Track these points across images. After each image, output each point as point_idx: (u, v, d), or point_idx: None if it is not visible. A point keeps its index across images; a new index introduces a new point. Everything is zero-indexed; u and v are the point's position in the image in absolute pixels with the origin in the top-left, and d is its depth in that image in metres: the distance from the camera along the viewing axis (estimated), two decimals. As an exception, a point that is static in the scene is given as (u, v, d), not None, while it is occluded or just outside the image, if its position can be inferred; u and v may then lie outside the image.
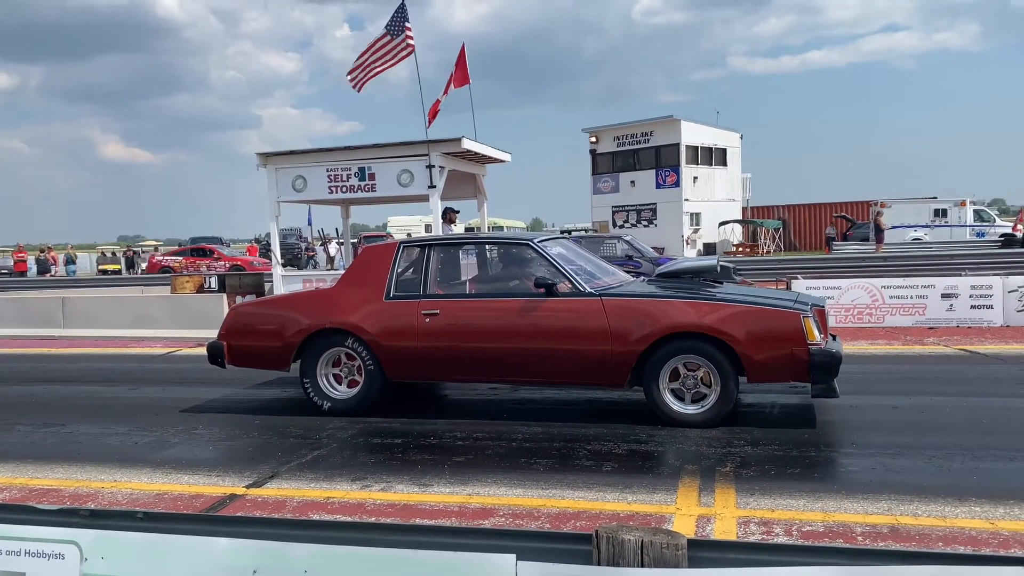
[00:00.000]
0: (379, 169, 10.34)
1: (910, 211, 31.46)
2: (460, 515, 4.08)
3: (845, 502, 4.05)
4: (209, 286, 13.89)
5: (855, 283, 11.25)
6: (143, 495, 4.63)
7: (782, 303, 5.64)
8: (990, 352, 8.60)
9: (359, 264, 6.75)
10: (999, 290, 10.54)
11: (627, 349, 5.59)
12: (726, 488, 4.32)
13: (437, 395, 7.20)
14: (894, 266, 18.41)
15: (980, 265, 17.14)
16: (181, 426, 6.32)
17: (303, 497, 4.47)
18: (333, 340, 6.32)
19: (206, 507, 4.36)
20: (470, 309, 6.14)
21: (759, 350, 5.38)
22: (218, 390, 7.74)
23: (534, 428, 5.81)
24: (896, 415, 5.87)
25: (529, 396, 6.99)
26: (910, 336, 9.97)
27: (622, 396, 6.72)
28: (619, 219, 36.62)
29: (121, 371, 9.53)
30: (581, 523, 3.87)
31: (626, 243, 18.20)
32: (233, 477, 4.90)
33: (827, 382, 5.42)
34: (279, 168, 10.67)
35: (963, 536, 3.58)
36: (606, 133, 37.45)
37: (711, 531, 3.75)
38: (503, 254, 7.19)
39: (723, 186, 37.53)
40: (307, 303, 6.69)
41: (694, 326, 5.49)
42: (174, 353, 11.05)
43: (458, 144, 10.26)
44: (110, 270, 37.29)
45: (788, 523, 3.81)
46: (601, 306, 5.71)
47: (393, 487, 4.58)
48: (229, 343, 6.68)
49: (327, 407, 6.34)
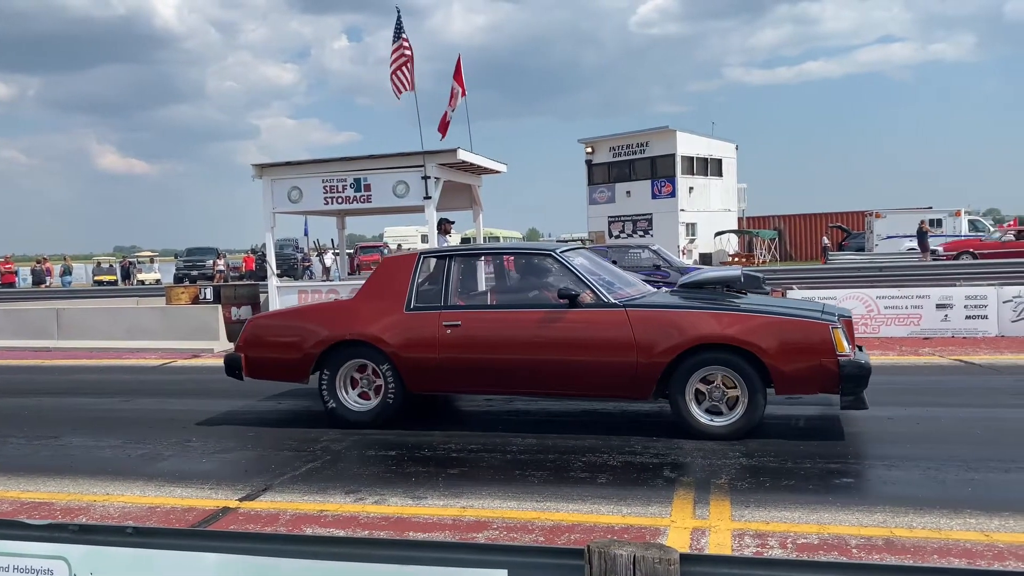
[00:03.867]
0: (375, 180, 10.33)
1: (905, 221, 31.53)
2: (454, 528, 4.06)
3: (840, 514, 4.04)
4: (204, 297, 13.86)
5: (850, 293, 11.27)
6: (135, 508, 4.60)
7: (810, 314, 5.60)
8: (985, 363, 8.61)
9: (379, 275, 6.69)
10: (994, 300, 10.56)
11: (653, 361, 5.54)
12: (721, 500, 4.31)
13: (433, 407, 7.18)
14: (889, 276, 18.43)
15: (975, 275, 17.17)
16: (175, 438, 6.29)
17: (296, 510, 4.45)
18: (353, 352, 6.27)
19: (199, 520, 4.34)
20: (492, 320, 6.10)
21: (788, 361, 5.33)
22: (213, 402, 7.71)
23: (529, 440, 5.79)
24: (892, 426, 5.87)
25: (524, 407, 6.97)
26: (905, 347, 9.98)
27: (617, 407, 6.71)
28: (615, 229, 36.69)
29: (115, 383, 9.50)
30: (576, 536, 3.86)
31: (653, 252, 17.86)
32: (226, 490, 4.87)
33: (856, 393, 5.34)
34: (274, 179, 10.65)
35: (958, 548, 3.57)
36: (602, 144, 37.56)
37: (706, 544, 3.73)
38: (524, 265, 7.17)
39: (719, 196, 37.64)
40: (326, 314, 6.64)
41: (721, 337, 5.44)
42: (169, 365, 11.01)
43: (454, 155, 10.26)
44: (106, 281, 37.22)
45: (783, 535, 3.80)
46: (626, 317, 5.67)
47: (387, 500, 4.56)
48: (247, 355, 6.64)
49: (346, 419, 6.28)
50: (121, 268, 40.82)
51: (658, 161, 35.80)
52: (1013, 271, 17.84)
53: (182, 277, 36.55)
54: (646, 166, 36.25)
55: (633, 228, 36.22)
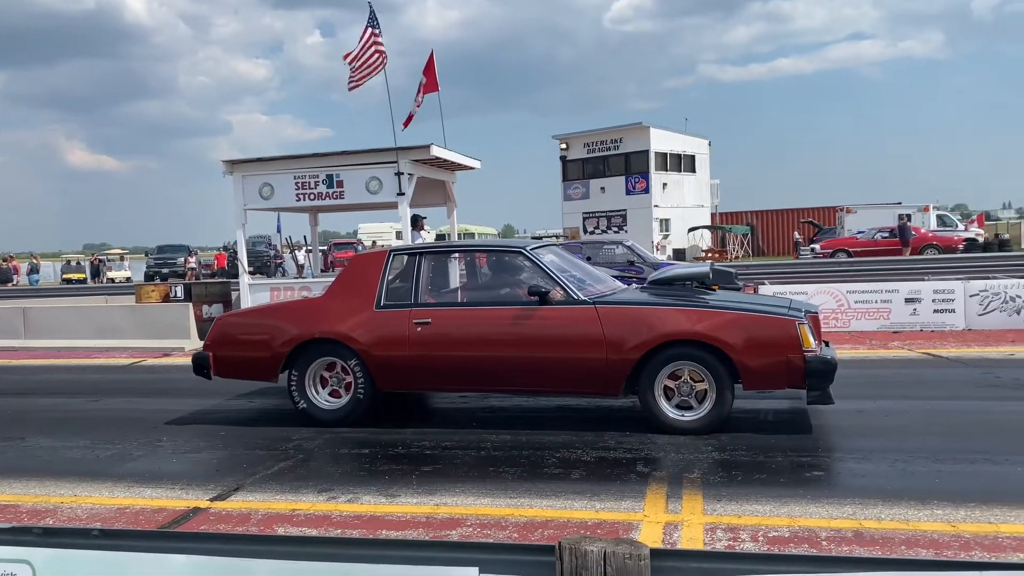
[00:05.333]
0: (347, 176, 10.27)
1: (875, 216, 31.92)
2: (427, 526, 4.05)
3: (811, 507, 4.09)
4: (175, 295, 13.70)
5: (821, 288, 11.39)
6: (104, 510, 4.53)
7: (777, 310, 5.66)
8: (952, 355, 8.74)
9: (348, 273, 6.66)
10: (961, 294, 10.72)
11: (622, 357, 5.57)
12: (693, 495, 4.34)
13: (407, 404, 7.15)
14: (859, 271, 18.65)
15: (942, 270, 17.43)
16: (144, 438, 6.21)
17: (268, 510, 4.41)
18: (323, 350, 6.24)
19: (168, 521, 4.29)
20: (463, 318, 6.09)
21: (755, 357, 5.38)
22: (183, 401, 7.62)
23: (503, 436, 5.79)
24: (861, 419, 5.94)
25: (499, 404, 6.97)
26: (875, 340, 10.10)
27: (591, 403, 6.73)
28: (589, 225, 36.80)
29: (84, 382, 9.36)
30: (549, 532, 3.86)
31: (627, 248, 18.00)
32: (197, 490, 4.82)
33: (823, 389, 5.39)
34: (245, 175, 10.55)
35: (925, 539, 3.62)
36: (576, 140, 37.64)
37: (678, 538, 3.75)
38: (495, 262, 7.15)
39: (692, 192, 37.88)
40: (295, 313, 6.59)
41: (690, 333, 5.48)
42: (139, 364, 10.87)
43: (427, 151, 10.22)
44: (75, 279, 36.66)
45: (754, 529, 3.83)
46: (595, 314, 5.68)
47: (360, 498, 4.53)
48: (215, 353, 6.57)
49: (317, 418, 6.24)
50: (90, 266, 40.21)
51: (632, 157, 35.95)
52: (979, 265, 18.14)
53: (153, 275, 36.12)
54: (620, 162, 36.39)
55: (608, 224, 36.35)
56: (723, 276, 6.77)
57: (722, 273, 6.82)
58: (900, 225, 27.48)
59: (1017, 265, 18.00)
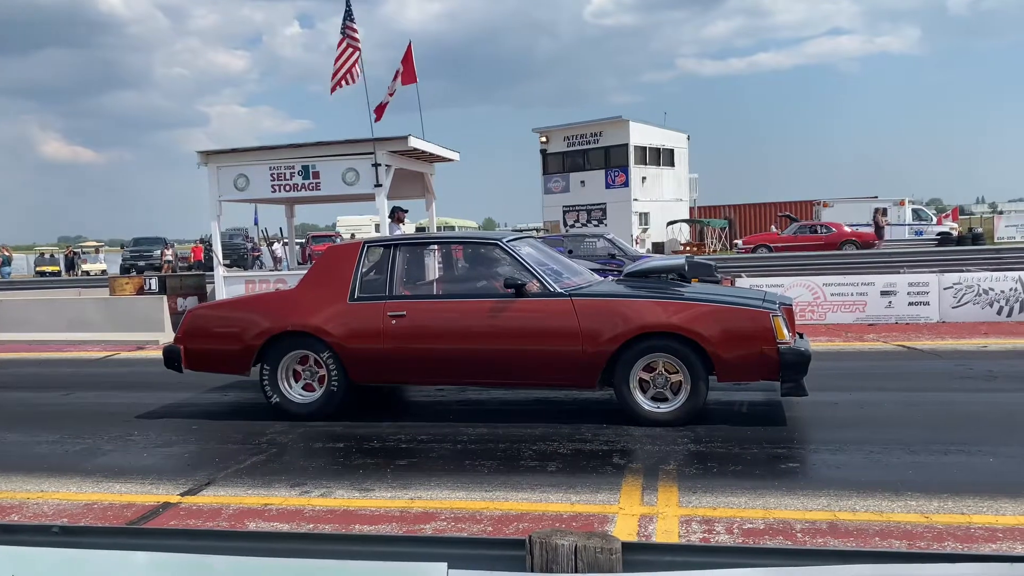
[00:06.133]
0: (324, 167, 10.18)
1: (851, 210, 32.17)
2: (401, 520, 4.00)
3: (786, 499, 4.09)
4: (149, 287, 13.53)
5: (797, 281, 11.44)
6: (71, 506, 4.45)
7: (751, 302, 5.66)
8: (926, 348, 8.81)
9: (322, 264, 6.57)
10: (935, 287, 10.81)
11: (598, 349, 5.56)
12: (669, 487, 4.33)
13: (382, 397, 7.09)
14: (835, 264, 18.78)
15: (917, 263, 17.58)
16: (115, 432, 6.11)
17: (240, 504, 4.35)
18: (295, 343, 6.16)
19: (138, 516, 4.21)
20: (438, 310, 6.04)
21: (729, 349, 5.39)
22: (156, 395, 7.52)
23: (480, 429, 5.75)
24: (836, 411, 5.96)
25: (476, 397, 6.93)
26: (851, 333, 10.17)
27: (568, 395, 6.71)
28: (570, 219, 36.79)
29: (55, 376, 9.22)
30: (524, 525, 3.83)
31: (608, 241, 18.12)
32: (167, 485, 4.74)
33: (796, 380, 5.41)
34: (220, 167, 10.43)
35: (899, 530, 3.63)
36: (556, 133, 37.60)
37: (653, 530, 3.74)
38: (471, 254, 7.10)
39: (671, 186, 37.98)
40: (268, 305, 6.51)
41: (665, 325, 5.48)
42: (112, 357, 10.73)
43: (405, 143, 10.16)
44: (48, 271, 36.14)
45: (729, 521, 3.82)
46: (571, 306, 5.66)
47: (333, 492, 4.48)
48: (186, 347, 6.48)
49: (290, 412, 6.17)
50: (65, 258, 39.67)
51: (611, 151, 35.96)
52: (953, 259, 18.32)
53: (129, 268, 35.65)
54: (600, 156, 36.39)
55: (588, 218, 36.37)
56: (703, 269, 6.78)
57: (702, 266, 6.83)
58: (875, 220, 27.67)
59: (990, 258, 18.21)
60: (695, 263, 10.95)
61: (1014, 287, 10.51)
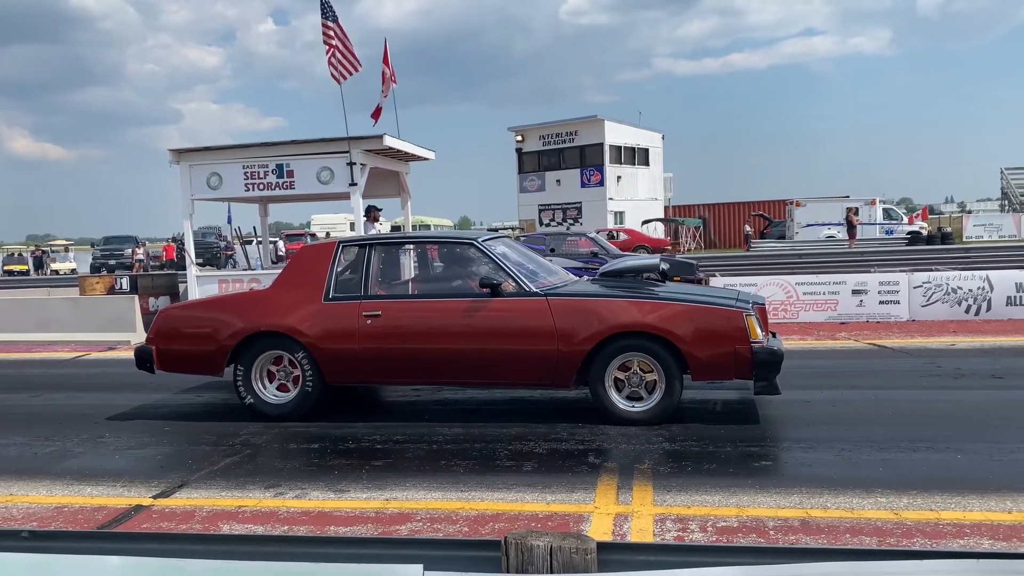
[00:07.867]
0: (298, 166, 10.12)
1: (824, 209, 32.53)
2: (376, 521, 3.99)
3: (759, 497, 4.13)
4: (120, 287, 13.37)
5: (771, 280, 11.56)
6: (41, 509, 4.39)
7: (724, 301, 5.71)
8: (897, 346, 8.94)
9: (296, 264, 6.52)
10: (905, 286, 10.97)
11: (573, 349, 5.57)
12: (644, 486, 4.35)
13: (357, 397, 7.06)
14: (808, 263, 18.99)
15: (888, 262, 17.83)
16: (86, 434, 6.03)
17: (213, 507, 4.31)
18: (269, 343, 6.11)
19: (109, 519, 4.16)
20: (413, 310, 6.02)
21: (703, 348, 5.43)
22: (127, 396, 7.43)
23: (455, 429, 5.75)
24: (808, 409, 6.03)
25: (452, 397, 6.93)
26: (823, 331, 10.29)
27: (544, 395, 6.73)
28: (545, 217, 36.89)
29: (23, 377, 9.08)
30: (500, 525, 3.84)
31: (590, 240, 18.25)
32: (140, 487, 4.69)
33: (769, 379, 5.45)
34: (193, 165, 10.33)
35: (869, 527, 3.68)
36: (532, 132, 37.68)
37: (628, 529, 3.76)
38: (446, 254, 7.08)
39: (646, 185, 38.22)
40: (241, 305, 6.45)
41: (640, 325, 5.51)
42: (82, 358, 10.58)
43: (380, 141, 10.12)
44: (16, 271, 35.59)
45: (703, 519, 3.85)
46: (547, 306, 5.67)
47: (308, 494, 4.46)
48: (158, 347, 6.40)
49: (264, 413, 6.13)
50: (33, 257, 39.08)
51: (587, 150, 36.11)
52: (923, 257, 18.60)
53: (99, 267, 35.19)
54: (575, 155, 36.53)
55: (563, 217, 36.48)
56: (685, 268, 6.83)
57: (684, 265, 6.87)
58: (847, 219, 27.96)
59: (958, 258, 18.51)
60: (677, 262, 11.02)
61: (982, 286, 10.69)
